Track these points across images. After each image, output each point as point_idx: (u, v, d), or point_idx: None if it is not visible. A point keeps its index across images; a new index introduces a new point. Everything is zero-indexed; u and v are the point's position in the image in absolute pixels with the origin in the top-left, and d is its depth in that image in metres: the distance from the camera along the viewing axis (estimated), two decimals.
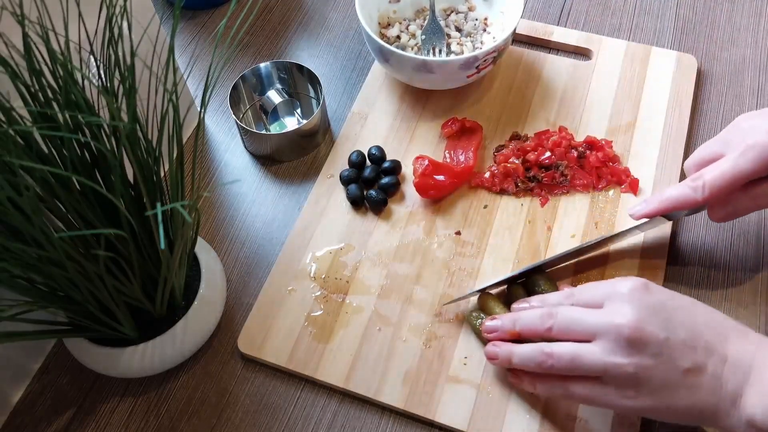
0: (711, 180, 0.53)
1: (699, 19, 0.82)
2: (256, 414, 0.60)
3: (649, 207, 0.57)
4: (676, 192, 0.55)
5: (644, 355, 0.48)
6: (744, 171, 0.52)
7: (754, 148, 0.51)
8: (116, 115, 0.45)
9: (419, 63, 0.69)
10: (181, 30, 0.85)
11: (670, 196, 0.56)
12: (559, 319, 0.52)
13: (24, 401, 0.61)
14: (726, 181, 0.52)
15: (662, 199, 0.56)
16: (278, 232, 0.69)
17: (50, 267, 0.46)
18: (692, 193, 0.54)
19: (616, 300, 0.50)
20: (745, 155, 0.52)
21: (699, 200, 0.54)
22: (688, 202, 0.54)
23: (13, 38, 0.46)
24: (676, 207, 0.55)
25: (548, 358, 0.51)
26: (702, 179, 0.54)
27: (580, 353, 0.50)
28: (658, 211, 0.56)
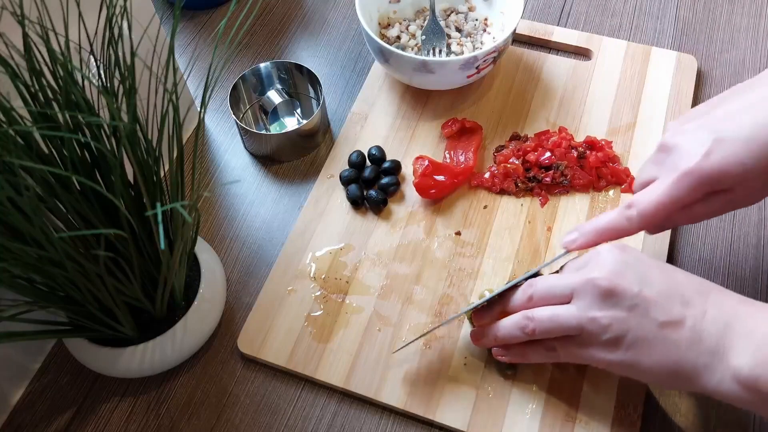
0: (644, 209, 0.51)
1: (699, 20, 0.82)
2: (256, 414, 0.60)
3: (584, 238, 0.55)
4: (609, 221, 0.53)
5: (619, 308, 0.48)
6: (679, 199, 0.50)
7: (689, 175, 0.49)
8: (116, 115, 0.45)
9: (419, 63, 0.69)
10: (181, 30, 0.85)
11: (605, 226, 0.54)
12: (538, 286, 0.53)
13: (24, 401, 0.61)
14: (660, 209, 0.51)
15: (596, 229, 0.54)
16: (278, 232, 0.69)
17: (50, 267, 0.46)
18: (626, 223, 0.52)
19: (595, 261, 0.51)
20: (680, 183, 0.49)
21: (632, 230, 0.52)
22: (623, 232, 0.53)
23: (13, 38, 0.46)
24: (611, 236, 0.53)
25: (529, 321, 0.52)
26: (635, 209, 0.52)
27: (558, 312, 0.51)
28: (594, 242, 0.54)
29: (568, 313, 0.50)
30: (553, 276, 0.54)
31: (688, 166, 0.49)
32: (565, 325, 0.51)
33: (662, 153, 0.52)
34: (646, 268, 0.50)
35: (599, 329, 0.49)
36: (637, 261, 0.51)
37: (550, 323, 0.51)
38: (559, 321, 0.51)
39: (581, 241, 0.55)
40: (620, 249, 0.51)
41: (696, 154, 0.49)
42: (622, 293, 0.48)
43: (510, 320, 0.55)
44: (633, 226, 0.52)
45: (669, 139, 0.52)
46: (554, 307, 0.52)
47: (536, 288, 0.54)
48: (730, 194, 0.50)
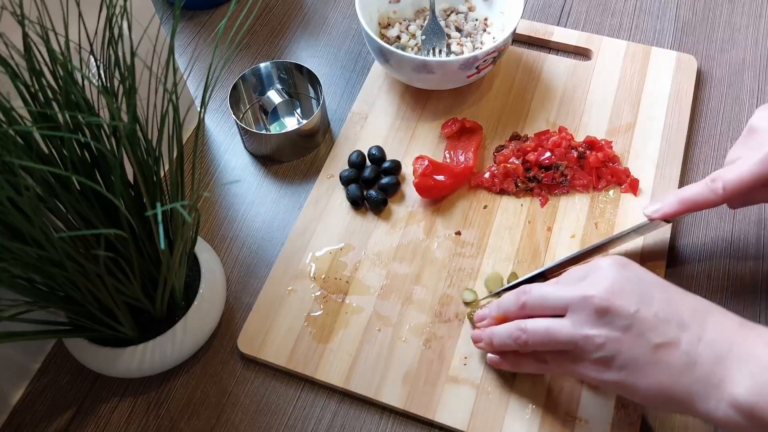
0: (730, 183, 0.53)
1: (699, 20, 0.82)
2: (255, 414, 0.60)
3: (669, 208, 0.56)
4: (695, 192, 0.55)
5: (613, 327, 0.48)
6: (762, 176, 0.53)
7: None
8: (116, 115, 0.45)
9: (419, 63, 0.69)
10: (181, 30, 0.85)
11: (690, 196, 0.55)
12: (531, 294, 0.53)
13: (24, 401, 0.61)
14: (744, 184, 0.53)
15: (681, 199, 0.56)
16: (278, 232, 0.69)
17: (50, 267, 0.46)
18: (712, 194, 0.54)
19: (594, 275, 0.51)
20: (764, 161, 0.52)
21: (718, 201, 0.54)
22: (707, 202, 0.55)
23: (13, 38, 0.46)
24: (694, 207, 0.55)
25: (522, 333, 0.52)
26: (721, 181, 0.54)
27: (552, 327, 0.51)
28: (677, 212, 0.56)
29: (562, 328, 0.50)
30: (549, 286, 0.53)
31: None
32: (559, 340, 0.50)
33: (749, 135, 0.55)
34: (646, 287, 0.50)
35: (592, 347, 0.49)
36: (637, 279, 0.50)
37: (543, 337, 0.51)
38: (552, 335, 0.51)
39: (665, 210, 0.56)
40: (621, 265, 0.51)
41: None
42: (617, 312, 0.48)
43: (504, 329, 0.54)
44: (718, 198, 0.54)
45: (756, 122, 0.55)
46: (549, 321, 0.51)
47: (530, 296, 0.53)
48: None
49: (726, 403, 0.45)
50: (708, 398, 0.46)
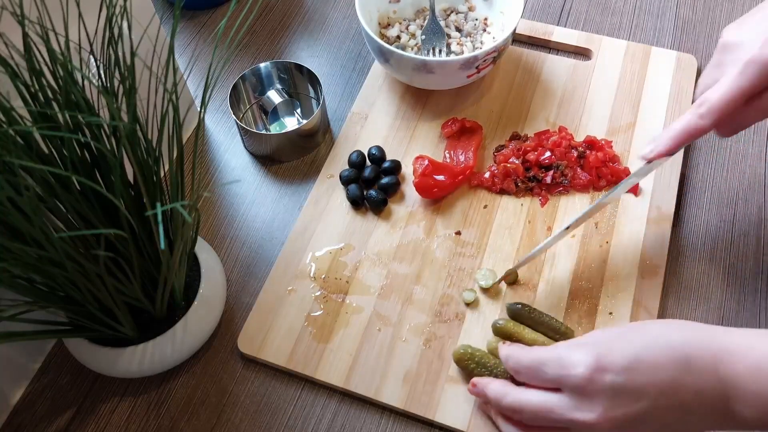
0: (715, 103, 0.52)
1: (699, 19, 0.82)
2: (255, 414, 0.60)
3: (663, 145, 0.55)
4: (684, 123, 0.54)
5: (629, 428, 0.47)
6: (745, 88, 0.51)
7: (752, 63, 0.50)
8: (116, 115, 0.45)
9: (419, 63, 0.69)
10: (181, 30, 0.85)
11: (680, 128, 0.54)
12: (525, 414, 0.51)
13: (24, 401, 0.61)
14: (730, 101, 0.52)
15: (672, 134, 0.55)
16: (278, 232, 0.69)
17: (50, 267, 0.46)
18: (700, 120, 0.53)
19: (574, 392, 0.49)
20: (745, 72, 0.51)
21: (708, 126, 0.53)
22: (699, 130, 0.53)
23: (13, 38, 0.46)
24: (688, 137, 0.54)
25: None
26: (706, 104, 0.53)
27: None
28: (672, 147, 0.55)
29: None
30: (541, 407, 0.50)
31: (751, 54, 0.50)
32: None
33: (723, 53, 0.54)
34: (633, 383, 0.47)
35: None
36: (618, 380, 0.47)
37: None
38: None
39: (659, 149, 0.55)
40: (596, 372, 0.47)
41: (756, 43, 0.50)
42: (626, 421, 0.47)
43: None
44: (706, 123, 0.53)
45: (727, 38, 0.54)
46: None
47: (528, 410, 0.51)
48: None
49: None
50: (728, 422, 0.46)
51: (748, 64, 0.51)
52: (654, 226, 0.66)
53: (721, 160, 0.71)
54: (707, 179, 0.70)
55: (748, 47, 0.51)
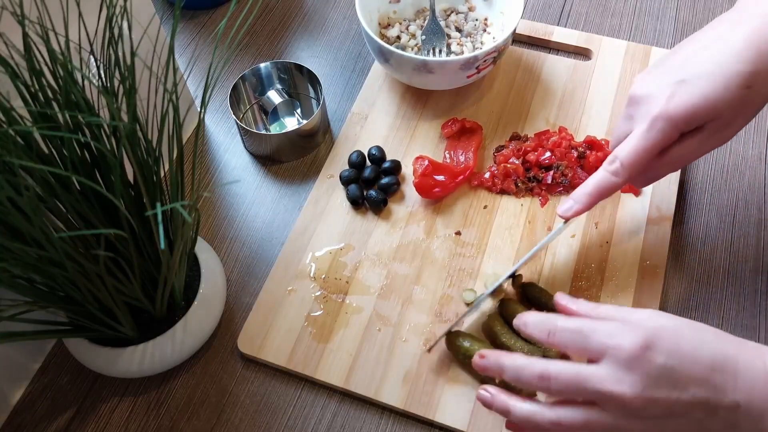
0: (626, 159, 0.53)
1: (699, 20, 0.82)
2: (255, 414, 0.60)
3: (579, 204, 0.56)
4: (597, 180, 0.55)
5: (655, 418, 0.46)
6: (655, 142, 0.52)
7: (660, 119, 0.51)
8: (116, 115, 0.45)
9: (419, 63, 0.69)
10: (181, 30, 0.85)
11: (595, 186, 0.55)
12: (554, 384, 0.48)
13: (24, 401, 0.61)
14: (641, 156, 0.52)
15: (587, 191, 0.56)
16: (278, 232, 0.69)
17: (50, 267, 0.46)
18: (613, 177, 0.54)
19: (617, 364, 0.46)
20: (653, 129, 0.51)
21: (621, 182, 0.54)
22: (613, 186, 0.54)
23: (13, 38, 0.46)
24: (603, 194, 0.55)
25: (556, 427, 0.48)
26: (618, 161, 0.53)
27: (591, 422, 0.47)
28: (589, 204, 0.56)
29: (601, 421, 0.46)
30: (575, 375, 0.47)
31: (658, 110, 0.51)
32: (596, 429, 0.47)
33: (631, 106, 0.54)
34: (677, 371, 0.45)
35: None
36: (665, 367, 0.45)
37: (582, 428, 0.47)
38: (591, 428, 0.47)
39: (577, 208, 0.56)
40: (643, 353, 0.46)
41: (662, 97, 0.51)
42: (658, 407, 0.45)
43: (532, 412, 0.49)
44: (620, 179, 0.54)
45: (635, 91, 0.54)
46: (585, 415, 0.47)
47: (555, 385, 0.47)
48: (704, 132, 0.52)
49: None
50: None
51: (656, 119, 0.51)
52: (654, 226, 0.66)
53: (721, 162, 0.71)
54: (707, 180, 0.70)
55: (655, 102, 0.52)
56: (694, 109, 0.50)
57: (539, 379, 0.48)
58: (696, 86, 0.51)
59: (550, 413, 0.48)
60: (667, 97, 0.51)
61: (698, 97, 0.50)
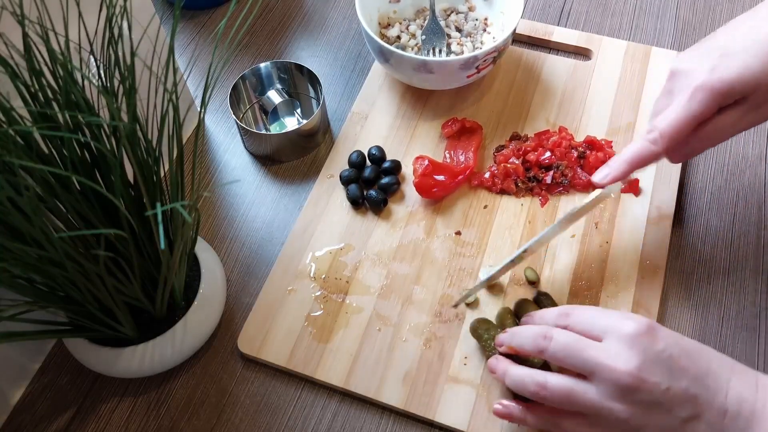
0: (666, 128, 0.53)
1: (699, 20, 0.82)
2: (255, 414, 0.60)
3: (616, 171, 0.56)
4: (636, 149, 0.55)
5: (641, 404, 0.46)
6: (695, 113, 0.52)
7: (700, 89, 0.51)
8: (116, 115, 0.45)
9: (419, 63, 0.69)
10: (181, 30, 0.85)
11: (633, 155, 0.55)
12: (553, 345, 0.50)
13: (24, 401, 0.61)
14: (680, 126, 0.53)
15: (625, 159, 0.56)
16: (278, 232, 0.69)
17: (50, 267, 0.46)
18: (652, 145, 0.54)
19: (618, 340, 0.48)
20: (694, 98, 0.52)
21: (659, 151, 0.54)
22: (651, 155, 0.54)
23: (13, 38, 0.46)
24: (640, 163, 0.55)
25: (542, 389, 0.50)
26: (657, 130, 0.54)
27: (575, 391, 0.48)
28: (625, 172, 0.56)
29: (586, 393, 0.48)
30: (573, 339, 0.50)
31: (699, 81, 0.51)
32: (581, 407, 0.48)
33: (671, 80, 0.55)
34: (675, 360, 0.47)
35: (617, 421, 0.47)
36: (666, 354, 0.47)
37: (564, 398, 0.49)
38: (574, 399, 0.48)
39: (613, 175, 0.56)
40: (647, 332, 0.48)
41: (703, 69, 0.52)
42: (647, 391, 0.46)
43: (520, 376, 0.52)
44: (659, 148, 0.54)
45: (676, 65, 0.55)
46: (571, 383, 0.49)
47: (551, 345, 0.50)
48: (744, 106, 0.52)
49: None
50: None
51: (696, 90, 0.52)
52: (654, 226, 0.66)
53: (721, 161, 0.71)
54: (707, 180, 0.70)
55: (697, 74, 0.52)
56: (735, 80, 0.51)
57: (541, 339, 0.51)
58: (737, 59, 0.51)
59: (538, 376, 0.51)
60: (709, 69, 0.51)
61: (739, 69, 0.51)
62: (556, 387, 0.49)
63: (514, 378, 0.53)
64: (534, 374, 0.51)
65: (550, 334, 0.51)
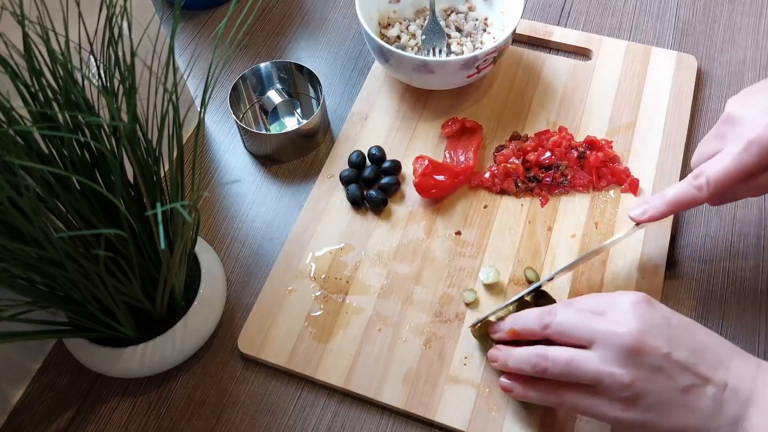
0: (714, 177, 0.52)
1: (699, 20, 0.82)
2: (256, 414, 0.60)
3: (655, 210, 0.55)
4: (679, 191, 0.54)
5: (643, 367, 0.47)
6: (747, 167, 0.51)
7: (756, 143, 0.50)
8: (116, 115, 0.45)
9: (419, 63, 0.69)
10: (181, 30, 0.85)
11: (675, 196, 0.54)
12: (557, 319, 0.51)
13: (24, 401, 0.61)
14: (729, 177, 0.51)
15: (666, 200, 0.54)
16: (278, 232, 0.69)
17: (50, 267, 0.46)
18: (697, 192, 0.53)
19: (618, 310, 0.49)
20: (748, 150, 0.50)
21: (704, 198, 0.53)
22: (694, 200, 0.53)
23: (13, 38, 0.46)
24: (681, 207, 0.54)
25: (543, 360, 0.50)
26: (704, 176, 0.52)
27: (576, 359, 0.48)
28: (664, 213, 0.54)
29: (588, 361, 0.48)
30: (576, 313, 0.51)
31: (756, 133, 0.50)
32: (582, 374, 0.48)
33: (726, 125, 0.53)
34: (673, 329, 0.48)
35: (619, 386, 0.47)
36: (665, 322, 0.48)
37: (565, 368, 0.49)
38: (575, 368, 0.48)
39: (651, 213, 0.54)
40: (647, 303, 0.49)
41: (762, 122, 0.50)
42: (649, 353, 0.46)
43: (523, 354, 0.52)
44: (704, 195, 0.52)
45: (733, 110, 0.53)
46: (572, 351, 0.49)
47: (554, 320, 0.51)
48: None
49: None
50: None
51: (752, 143, 0.50)
52: (654, 226, 0.66)
53: None
54: None
55: (752, 124, 0.51)
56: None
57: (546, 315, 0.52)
58: None
59: (539, 349, 0.51)
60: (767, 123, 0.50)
61: None
62: (557, 356, 0.50)
63: (518, 358, 0.53)
64: (535, 349, 0.52)
65: (554, 311, 0.52)
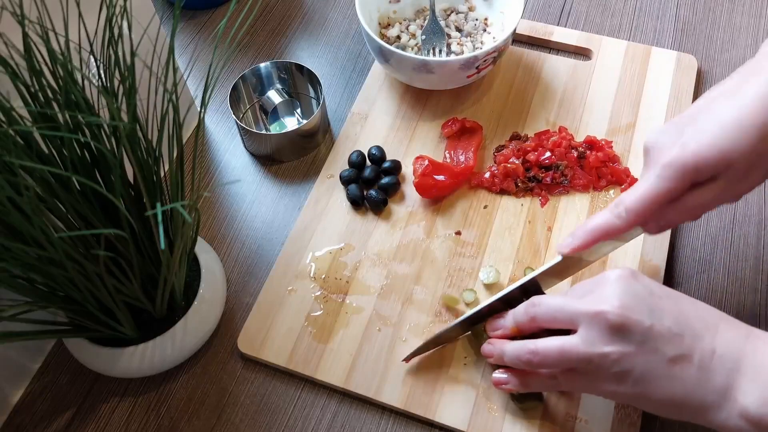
0: (631, 204, 0.52)
1: (699, 20, 0.82)
2: (255, 414, 0.60)
3: (579, 241, 0.55)
4: (600, 221, 0.54)
5: (628, 342, 0.47)
6: (661, 190, 0.50)
7: (669, 166, 0.50)
8: (116, 115, 0.45)
9: (419, 63, 0.69)
10: (181, 30, 0.85)
11: (597, 226, 0.54)
12: (542, 308, 0.53)
13: (24, 401, 0.61)
14: (646, 203, 0.51)
15: (588, 230, 0.54)
16: (278, 232, 0.69)
17: (50, 267, 0.46)
18: (617, 220, 0.53)
19: (603, 287, 0.50)
20: (662, 175, 0.50)
21: (623, 226, 0.53)
22: (614, 229, 0.53)
23: (13, 38, 0.46)
24: (603, 236, 0.54)
25: (534, 356, 0.51)
26: (623, 205, 0.52)
27: (565, 346, 0.50)
28: (588, 243, 0.54)
29: (576, 346, 0.49)
30: (559, 299, 0.52)
31: (668, 157, 0.50)
32: (573, 359, 0.49)
33: (645, 157, 0.54)
34: (656, 299, 0.49)
35: (607, 363, 0.48)
36: (647, 292, 0.49)
37: (557, 358, 0.50)
38: (566, 355, 0.49)
39: (576, 244, 0.54)
40: (630, 276, 0.50)
41: (673, 145, 0.50)
42: (632, 328, 0.47)
43: (513, 350, 0.53)
44: (623, 223, 0.53)
45: (647, 140, 0.53)
46: (561, 341, 0.50)
47: (540, 310, 0.53)
48: (717, 183, 0.50)
49: (737, 414, 0.45)
50: (720, 409, 0.46)
51: (665, 166, 0.50)
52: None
53: None
54: None
55: (665, 149, 0.51)
56: (704, 157, 0.49)
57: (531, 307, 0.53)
58: (707, 135, 0.49)
59: (528, 344, 0.52)
60: (678, 145, 0.50)
61: (708, 146, 0.49)
62: (547, 348, 0.51)
63: (512, 353, 0.54)
64: (525, 343, 0.53)
65: (538, 302, 0.53)
